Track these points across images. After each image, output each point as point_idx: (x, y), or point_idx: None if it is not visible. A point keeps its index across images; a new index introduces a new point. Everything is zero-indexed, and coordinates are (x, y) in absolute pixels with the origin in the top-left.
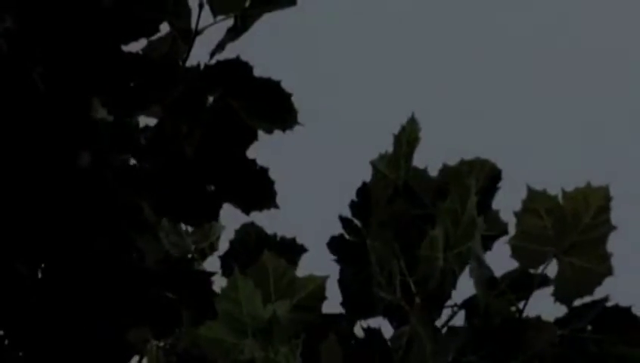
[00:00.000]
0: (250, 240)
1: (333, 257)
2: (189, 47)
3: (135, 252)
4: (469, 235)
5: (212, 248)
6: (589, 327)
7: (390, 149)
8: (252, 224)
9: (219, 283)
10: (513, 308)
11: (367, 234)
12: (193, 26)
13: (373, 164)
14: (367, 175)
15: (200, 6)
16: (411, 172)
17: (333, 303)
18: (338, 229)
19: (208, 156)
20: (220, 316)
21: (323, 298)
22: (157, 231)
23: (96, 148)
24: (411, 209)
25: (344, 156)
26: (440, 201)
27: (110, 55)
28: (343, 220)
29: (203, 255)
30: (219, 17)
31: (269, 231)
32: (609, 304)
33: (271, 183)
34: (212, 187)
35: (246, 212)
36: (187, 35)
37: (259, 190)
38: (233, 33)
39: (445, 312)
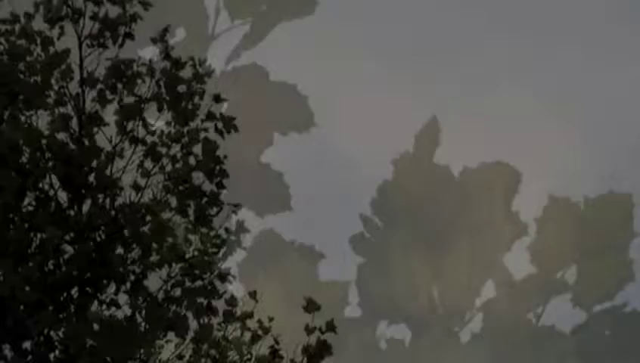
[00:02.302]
0: (269, 247)
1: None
2: (205, 51)
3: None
4: (495, 246)
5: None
6: (608, 332)
7: (411, 149)
8: (270, 231)
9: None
10: (531, 313)
11: (388, 234)
12: (209, 30)
13: (395, 163)
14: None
15: (217, 11)
16: (434, 172)
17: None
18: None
19: (220, 160)
20: (242, 317)
21: (345, 304)
22: (173, 233)
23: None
24: (433, 212)
25: None
26: (465, 207)
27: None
28: (364, 219)
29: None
30: (236, 22)
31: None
32: (628, 309)
33: (286, 187)
34: (225, 191)
35: (261, 214)
36: (203, 40)
37: (273, 194)
38: (249, 40)
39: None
